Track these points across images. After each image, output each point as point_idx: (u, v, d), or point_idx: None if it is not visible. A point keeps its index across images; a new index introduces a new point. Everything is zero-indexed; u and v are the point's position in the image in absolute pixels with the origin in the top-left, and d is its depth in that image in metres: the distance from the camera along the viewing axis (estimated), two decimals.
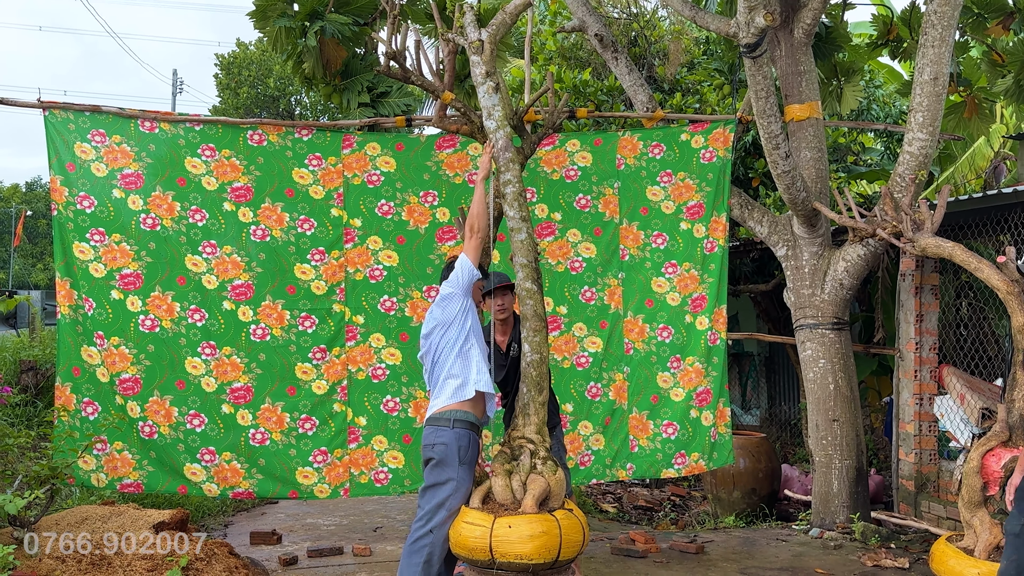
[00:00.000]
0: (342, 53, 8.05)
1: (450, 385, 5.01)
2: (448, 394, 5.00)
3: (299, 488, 7.20)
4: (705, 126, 7.79)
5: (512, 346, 5.92)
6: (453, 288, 5.07)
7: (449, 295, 5.08)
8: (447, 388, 5.01)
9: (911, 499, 7.90)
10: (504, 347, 5.95)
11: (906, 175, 7.09)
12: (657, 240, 7.66)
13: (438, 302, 5.12)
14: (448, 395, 5.00)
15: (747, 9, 6.64)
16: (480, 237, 5.20)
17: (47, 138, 7.08)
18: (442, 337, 5.06)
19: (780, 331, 11.40)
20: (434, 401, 5.07)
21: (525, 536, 4.72)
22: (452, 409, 4.96)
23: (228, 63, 23.18)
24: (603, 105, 11.08)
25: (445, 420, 4.94)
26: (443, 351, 5.05)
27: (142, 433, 7.01)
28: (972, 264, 5.66)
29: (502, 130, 5.67)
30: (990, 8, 8.50)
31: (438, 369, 5.07)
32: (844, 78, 9.34)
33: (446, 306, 5.07)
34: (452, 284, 5.09)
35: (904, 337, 8.07)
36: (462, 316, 5.06)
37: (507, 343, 5.96)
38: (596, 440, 7.57)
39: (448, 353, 5.03)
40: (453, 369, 5.02)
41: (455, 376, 5.01)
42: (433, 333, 5.08)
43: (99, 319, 6.96)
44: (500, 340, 5.97)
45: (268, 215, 7.26)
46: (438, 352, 5.06)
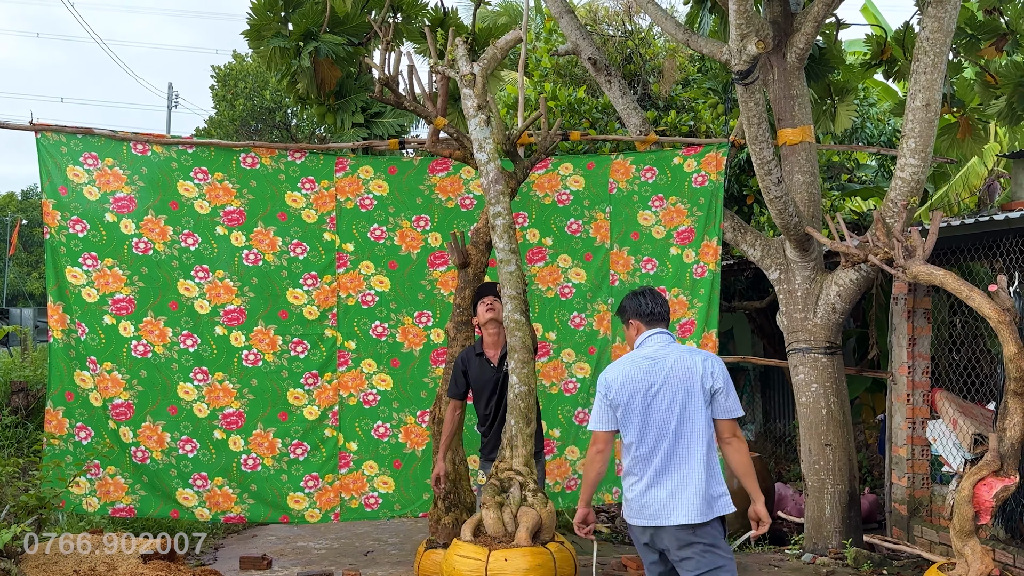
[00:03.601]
0: (336, 73, 8.04)
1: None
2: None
3: (290, 513, 7.21)
4: (698, 150, 7.80)
5: (505, 360, 5.91)
6: None
7: None
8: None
9: (904, 523, 7.90)
10: (496, 360, 5.95)
11: (898, 201, 7.09)
12: (647, 265, 7.66)
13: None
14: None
15: (739, 37, 6.64)
16: None
17: (39, 161, 7.08)
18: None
19: (775, 347, 11.40)
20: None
21: (521, 570, 4.74)
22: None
23: (224, 75, 23.19)
24: (598, 123, 11.08)
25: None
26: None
27: (135, 458, 7.02)
28: (964, 292, 5.65)
29: (493, 163, 5.69)
30: (983, 30, 8.51)
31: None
32: (838, 97, 9.35)
33: None
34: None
35: (897, 361, 8.07)
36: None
37: (499, 356, 5.95)
38: (583, 466, 7.57)
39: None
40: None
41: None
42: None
43: (92, 344, 6.96)
44: (492, 354, 5.98)
45: (261, 239, 7.25)
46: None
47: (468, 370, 5.99)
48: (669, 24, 8.13)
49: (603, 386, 4.45)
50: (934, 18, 6.92)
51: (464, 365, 6.01)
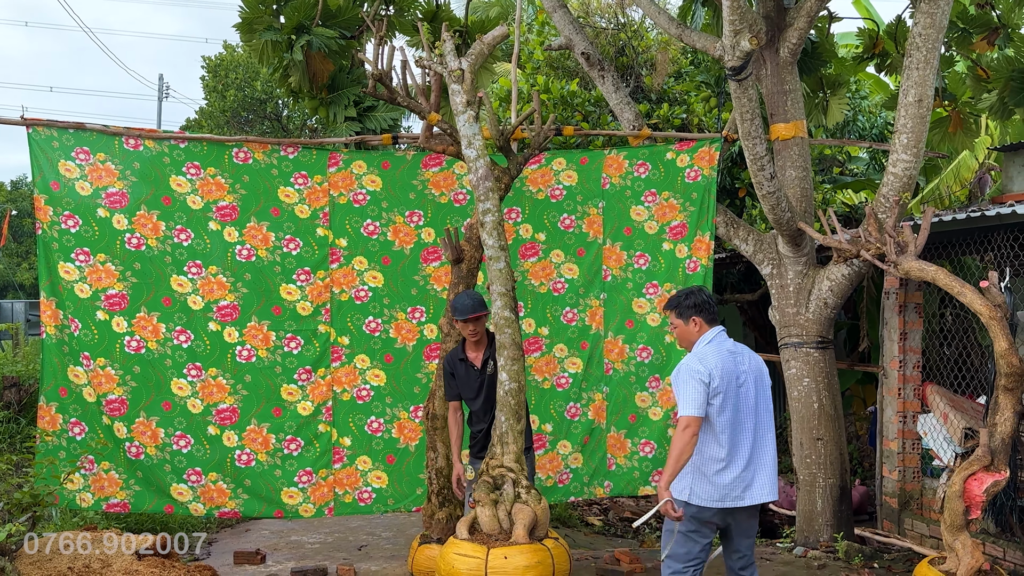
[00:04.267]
0: (328, 67, 8.02)
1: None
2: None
3: (284, 508, 7.22)
4: (691, 145, 7.80)
5: (488, 363, 5.96)
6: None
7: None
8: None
9: (894, 516, 7.95)
10: (479, 363, 6.00)
11: (890, 196, 7.12)
12: (639, 261, 7.68)
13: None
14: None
15: (732, 33, 6.64)
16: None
17: (31, 155, 7.05)
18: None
19: (767, 339, 11.44)
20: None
21: (521, 567, 4.78)
22: None
23: (215, 65, 23.05)
24: (591, 116, 11.08)
25: None
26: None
27: (129, 453, 7.02)
28: (955, 288, 5.67)
29: (482, 159, 5.68)
30: (975, 24, 8.53)
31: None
32: (830, 91, 9.36)
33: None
34: None
35: (888, 355, 8.11)
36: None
37: (482, 359, 6.00)
38: (575, 459, 7.61)
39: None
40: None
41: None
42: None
43: (85, 340, 6.95)
44: (474, 357, 6.03)
45: (254, 235, 7.25)
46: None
47: (455, 373, 6.07)
48: (662, 18, 8.13)
49: (703, 375, 4.71)
50: (926, 14, 6.93)
51: (451, 368, 6.08)
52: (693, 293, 5.00)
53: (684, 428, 4.67)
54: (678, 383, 4.79)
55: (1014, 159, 8.83)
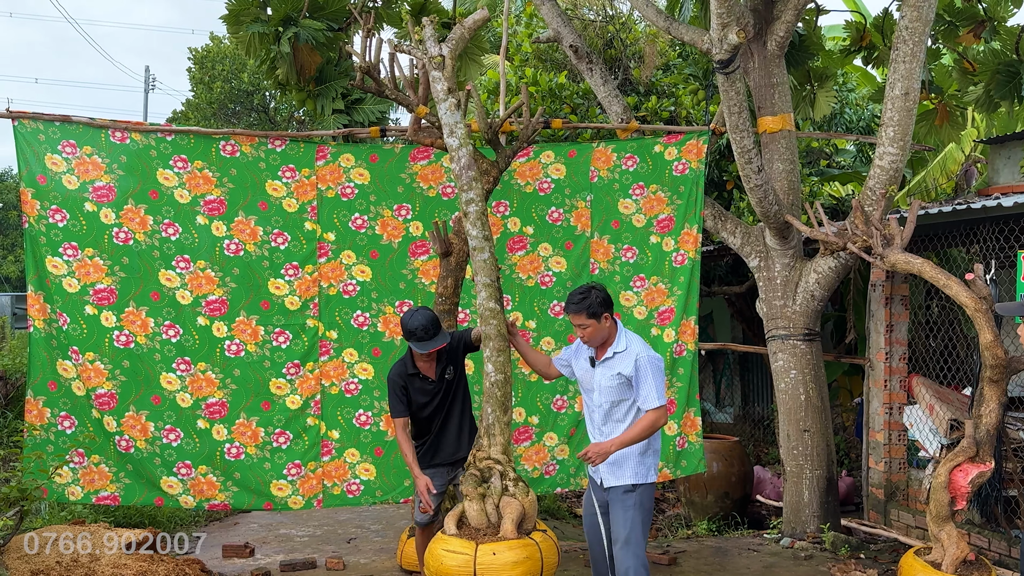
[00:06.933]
0: (316, 59, 7.99)
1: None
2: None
3: (273, 500, 7.22)
4: (679, 138, 7.81)
5: (448, 369, 5.80)
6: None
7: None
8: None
9: (881, 507, 8.00)
10: (434, 375, 5.78)
11: (877, 189, 7.15)
12: (627, 254, 7.68)
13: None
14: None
15: (720, 26, 6.65)
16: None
17: (17, 149, 7.01)
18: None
19: (755, 331, 11.50)
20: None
21: (510, 563, 4.77)
22: None
23: (202, 57, 22.93)
24: (579, 108, 11.08)
25: None
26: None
27: (119, 447, 7.01)
28: (941, 281, 5.71)
29: (464, 148, 5.66)
30: (961, 16, 8.56)
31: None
32: (817, 84, 9.39)
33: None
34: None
35: (874, 347, 8.15)
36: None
37: (439, 370, 5.78)
38: (561, 451, 7.63)
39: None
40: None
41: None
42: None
43: (73, 334, 6.93)
44: (427, 368, 5.78)
45: (242, 229, 7.23)
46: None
47: (408, 387, 5.77)
48: (650, 11, 8.14)
49: (662, 363, 5.13)
50: (913, 7, 6.96)
51: (403, 382, 5.77)
52: (594, 289, 5.06)
53: (664, 415, 5.03)
54: (647, 374, 4.97)
55: (1000, 152, 8.88)
